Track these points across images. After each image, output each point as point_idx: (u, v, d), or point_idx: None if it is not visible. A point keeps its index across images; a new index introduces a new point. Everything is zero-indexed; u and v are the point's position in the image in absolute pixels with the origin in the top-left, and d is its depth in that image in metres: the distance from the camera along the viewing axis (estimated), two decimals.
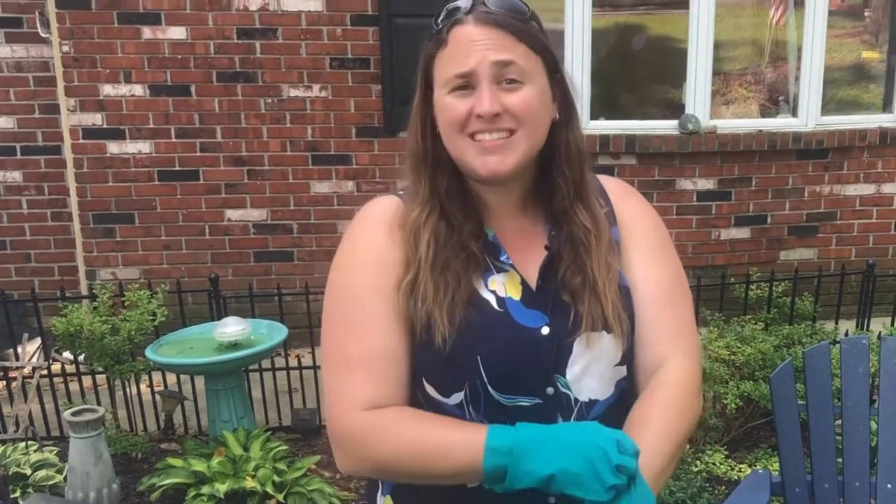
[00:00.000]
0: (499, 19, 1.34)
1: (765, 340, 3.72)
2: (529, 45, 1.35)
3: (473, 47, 1.34)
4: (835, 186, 5.39)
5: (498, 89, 1.34)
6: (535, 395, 1.39)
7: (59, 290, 4.18)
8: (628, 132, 5.12)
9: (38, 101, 5.11)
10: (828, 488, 2.45)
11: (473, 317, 1.38)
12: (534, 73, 1.36)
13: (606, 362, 1.40)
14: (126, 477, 3.59)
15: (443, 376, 1.40)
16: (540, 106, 1.37)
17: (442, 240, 1.40)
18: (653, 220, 1.53)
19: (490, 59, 1.33)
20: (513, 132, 1.35)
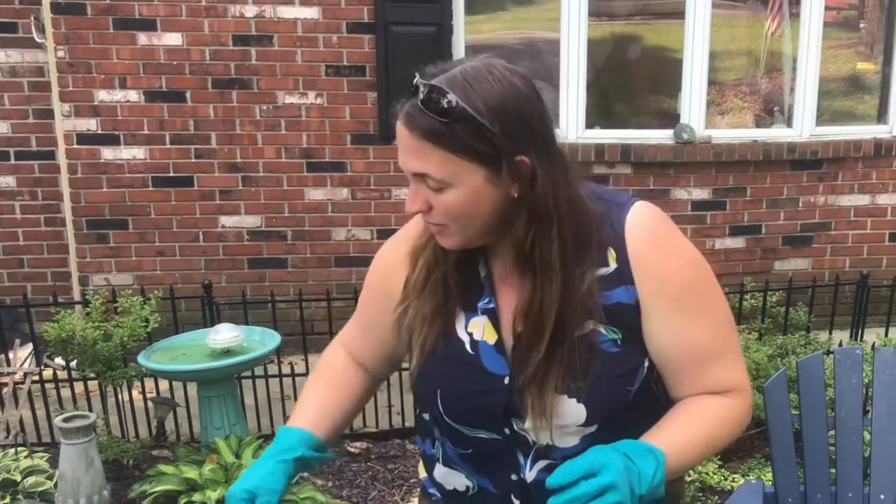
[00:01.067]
0: (418, 123, 1.27)
1: (759, 350, 3.72)
2: (450, 150, 1.27)
3: (400, 146, 1.32)
4: (829, 197, 5.39)
5: (424, 189, 1.32)
6: (492, 432, 1.43)
7: (51, 295, 4.16)
8: (623, 141, 5.12)
9: (33, 106, 5.09)
10: (821, 499, 2.44)
11: (442, 354, 1.44)
12: (457, 177, 1.28)
13: (569, 423, 1.38)
14: (117, 484, 3.57)
15: (418, 395, 1.52)
16: (467, 206, 1.31)
17: (430, 269, 1.44)
18: (680, 269, 1.39)
19: (408, 168, 1.32)
20: (445, 225, 1.35)
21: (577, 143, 5.08)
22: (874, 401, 2.45)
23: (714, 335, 1.42)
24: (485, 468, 1.49)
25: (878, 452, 2.43)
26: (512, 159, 1.28)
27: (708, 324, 1.41)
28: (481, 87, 1.26)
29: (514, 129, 1.27)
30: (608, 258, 1.38)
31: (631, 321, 1.38)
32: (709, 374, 1.41)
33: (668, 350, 1.39)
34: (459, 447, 1.50)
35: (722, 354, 1.43)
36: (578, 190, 1.37)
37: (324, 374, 1.65)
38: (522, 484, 1.46)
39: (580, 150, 5.06)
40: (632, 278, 1.37)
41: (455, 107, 1.25)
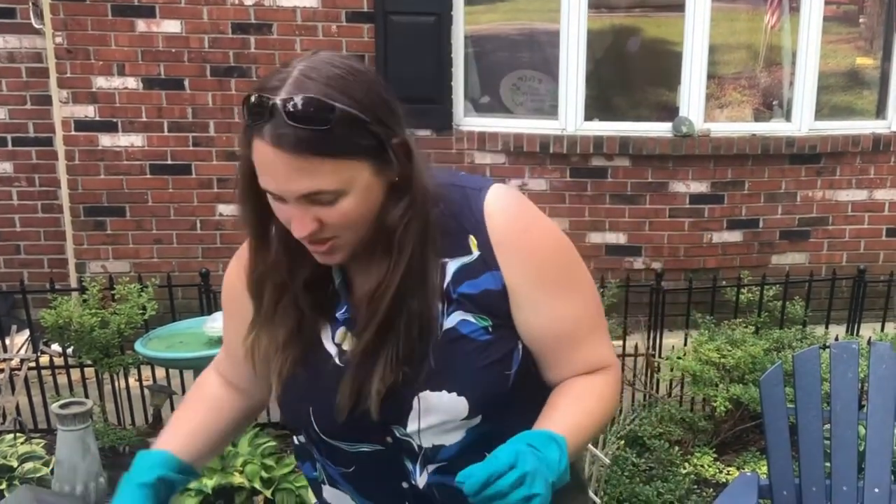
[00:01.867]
0: (296, 139, 1.16)
1: (755, 344, 3.73)
2: (337, 155, 1.19)
3: (273, 171, 1.20)
4: (827, 192, 5.40)
5: (313, 207, 1.23)
6: (374, 444, 1.39)
7: (48, 282, 4.16)
8: (622, 134, 5.12)
9: (31, 92, 5.08)
10: (815, 492, 2.45)
11: (309, 371, 1.38)
12: (350, 181, 1.22)
13: (452, 418, 1.34)
14: (113, 471, 3.57)
15: (286, 416, 1.48)
16: (362, 208, 1.25)
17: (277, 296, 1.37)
18: (545, 250, 1.36)
19: (293, 191, 1.21)
20: (336, 237, 1.27)
21: (576, 136, 5.08)
22: (869, 395, 2.47)
23: (583, 313, 1.40)
24: (369, 486, 1.45)
25: (872, 446, 2.44)
26: (391, 144, 1.24)
27: (576, 302, 1.39)
28: (336, 83, 1.20)
29: (382, 114, 1.23)
30: (470, 246, 1.33)
31: (500, 307, 1.34)
32: (581, 353, 1.40)
33: (539, 332, 1.36)
34: (341, 466, 1.44)
35: (591, 332, 1.41)
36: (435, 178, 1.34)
37: (192, 398, 1.62)
38: (415, 490, 1.42)
39: (579, 143, 5.06)
40: (496, 263, 1.33)
41: (327, 109, 1.17)
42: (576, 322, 1.38)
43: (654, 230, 5.23)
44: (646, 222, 5.22)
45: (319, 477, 1.53)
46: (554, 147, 5.06)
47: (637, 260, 5.26)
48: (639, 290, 4.42)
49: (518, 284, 1.34)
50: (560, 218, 5.05)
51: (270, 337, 1.39)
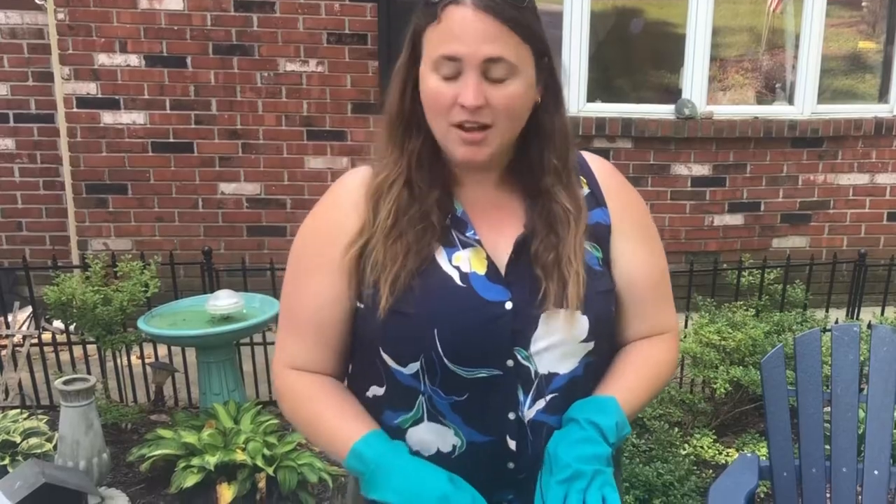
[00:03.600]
0: (500, 9, 1.30)
1: (755, 327, 3.74)
2: (521, 35, 1.31)
3: (466, 33, 1.30)
4: (829, 175, 5.40)
5: (484, 82, 1.32)
6: (494, 367, 1.39)
7: (50, 259, 4.16)
8: (624, 116, 5.12)
9: (32, 68, 5.06)
10: (815, 473, 2.46)
11: (431, 290, 1.39)
12: (521, 66, 1.33)
13: (572, 338, 1.40)
14: (116, 447, 3.60)
15: (399, 345, 1.42)
16: (523, 100, 1.35)
17: (402, 208, 1.40)
18: (642, 207, 1.55)
19: (481, 54, 1.30)
20: (491, 126, 1.34)
21: (579, 117, 5.08)
22: (870, 377, 2.47)
23: (663, 271, 1.53)
24: (479, 415, 1.42)
25: (872, 428, 2.45)
26: (542, 57, 1.37)
27: (660, 259, 1.53)
28: None
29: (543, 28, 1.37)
30: (581, 182, 1.47)
31: (606, 243, 1.47)
32: (655, 310, 1.52)
33: (630, 274, 1.48)
34: (453, 394, 1.41)
35: (667, 293, 1.55)
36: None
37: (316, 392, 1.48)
38: (520, 424, 1.41)
39: (581, 124, 5.06)
40: (604, 201, 1.48)
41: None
42: (660, 275, 1.52)
43: (655, 213, 5.24)
44: (647, 205, 5.19)
45: (418, 413, 1.45)
46: None
47: None
48: None
49: (620, 225, 1.47)
50: None
51: (386, 247, 1.39)
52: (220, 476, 3.24)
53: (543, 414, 1.42)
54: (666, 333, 1.55)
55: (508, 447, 1.43)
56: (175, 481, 3.24)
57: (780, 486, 2.45)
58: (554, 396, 1.42)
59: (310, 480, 3.31)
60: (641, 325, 1.52)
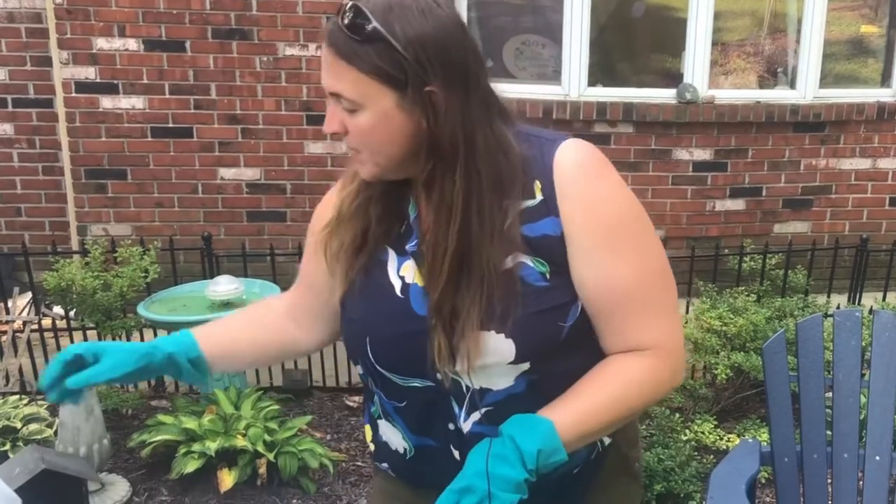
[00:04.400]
0: (336, 39, 1.29)
1: (757, 312, 3.73)
2: (361, 69, 1.27)
3: (322, 67, 1.33)
4: (831, 160, 5.38)
5: (340, 110, 1.33)
6: (425, 379, 1.40)
7: (50, 244, 4.15)
8: (626, 100, 5.09)
9: (30, 52, 5.04)
10: (816, 459, 2.46)
11: (371, 296, 1.43)
12: (369, 98, 1.29)
13: (498, 360, 1.35)
14: (116, 433, 3.60)
15: (348, 345, 1.50)
16: (376, 130, 1.31)
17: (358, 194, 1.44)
18: (612, 209, 1.36)
19: (327, 87, 1.33)
20: (359, 151, 1.36)
21: (580, 101, 5.05)
22: (872, 363, 2.47)
23: (638, 280, 1.36)
24: (420, 422, 1.46)
25: (874, 414, 2.45)
26: (420, 87, 1.27)
27: (632, 266, 1.35)
28: (403, 14, 1.27)
29: (427, 59, 1.27)
30: (534, 190, 1.35)
31: (558, 254, 1.34)
32: (629, 325, 1.37)
33: (590, 288, 1.35)
34: (394, 399, 1.47)
35: (645, 305, 1.37)
36: (502, 130, 1.35)
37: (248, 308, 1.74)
38: (459, 434, 1.43)
39: (582, 108, 5.03)
40: (557, 209, 1.34)
41: (369, 28, 1.26)
42: (628, 288, 1.35)
43: (656, 197, 5.22)
44: (648, 189, 5.20)
45: (377, 411, 1.55)
46: (557, 113, 5.03)
47: None
48: None
49: (576, 235, 1.34)
50: None
51: (341, 237, 1.44)
52: (221, 462, 3.25)
53: (481, 426, 1.40)
54: (649, 350, 1.38)
55: (454, 456, 1.45)
56: (176, 467, 3.25)
57: (782, 471, 2.45)
58: (490, 409, 1.39)
59: (311, 466, 3.31)
60: (614, 338, 1.39)
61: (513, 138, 1.36)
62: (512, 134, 1.37)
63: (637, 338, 1.38)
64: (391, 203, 1.42)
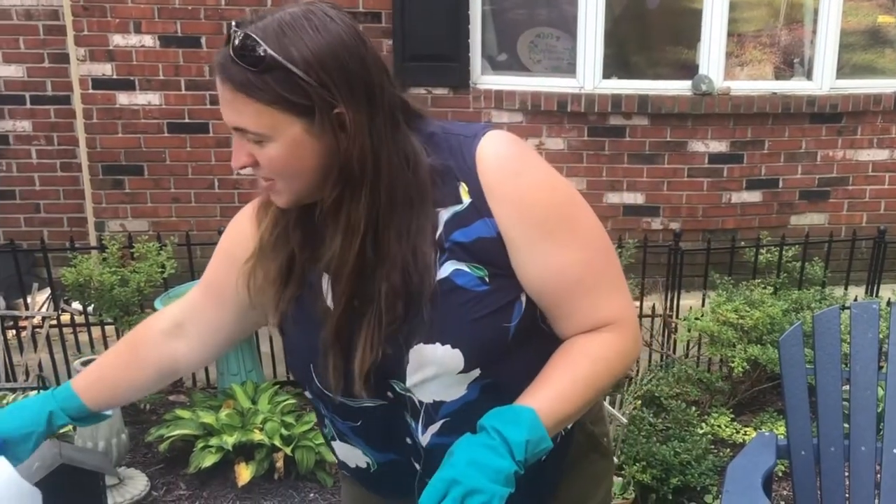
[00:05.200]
0: (229, 73, 1.23)
1: (773, 305, 3.72)
2: (262, 100, 1.21)
3: (221, 100, 1.27)
4: (848, 151, 5.35)
5: (247, 141, 1.27)
6: (376, 399, 1.39)
7: (68, 240, 4.18)
8: (641, 92, 5.08)
9: (48, 49, 5.06)
10: (834, 452, 2.45)
11: (307, 322, 1.38)
12: (275, 129, 1.23)
13: (447, 371, 1.33)
14: (134, 428, 3.62)
15: (292, 374, 1.50)
16: (289, 160, 1.26)
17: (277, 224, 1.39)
18: (540, 197, 1.32)
19: (229, 122, 1.27)
20: (273, 181, 1.30)
21: (594, 94, 5.04)
22: (889, 355, 2.46)
23: (583, 262, 1.34)
24: (379, 438, 1.45)
25: (891, 407, 2.44)
26: (328, 110, 1.22)
27: (574, 252, 1.33)
28: (297, 35, 1.21)
29: (330, 80, 1.21)
30: (461, 194, 1.31)
31: (495, 255, 1.31)
32: (583, 307, 1.35)
33: (538, 282, 1.33)
34: (349, 420, 1.44)
35: (595, 286, 1.35)
36: (410, 142, 1.31)
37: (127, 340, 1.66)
38: (418, 448, 1.42)
39: (597, 101, 5.02)
40: (488, 210, 1.30)
41: (265, 56, 1.20)
42: (575, 273, 1.33)
43: (672, 190, 5.21)
44: (664, 182, 5.19)
45: (330, 433, 1.53)
46: (572, 105, 5.02)
47: (655, 220, 5.24)
48: (657, 250, 4.41)
49: (511, 230, 1.30)
50: (577, 177, 5.03)
51: (265, 268, 1.39)
52: (238, 456, 3.27)
53: (440, 437, 1.39)
54: (608, 325, 1.36)
55: (416, 467, 1.45)
56: (193, 461, 3.27)
57: (798, 465, 2.45)
58: (447, 420, 1.38)
59: (327, 460, 3.33)
60: (570, 322, 1.36)
61: (426, 144, 1.32)
62: (425, 138, 1.33)
63: (594, 317, 1.36)
64: (310, 227, 1.37)
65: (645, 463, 3.12)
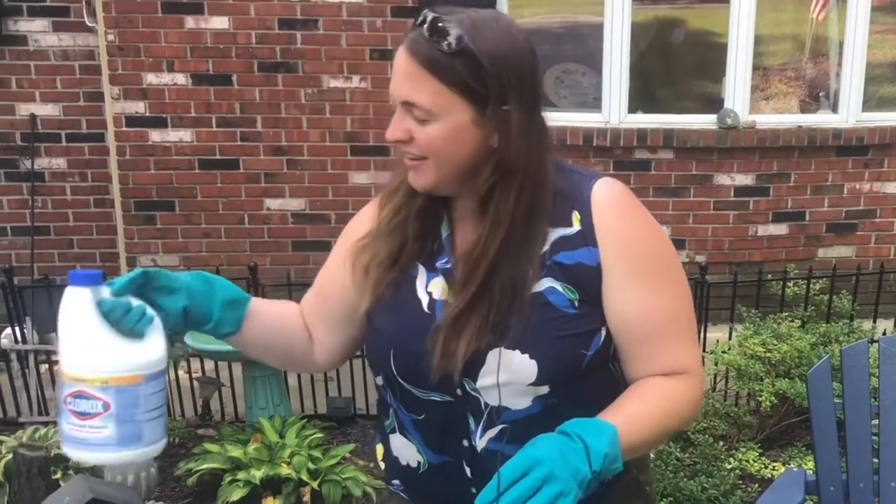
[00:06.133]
0: (419, 48, 1.31)
1: (801, 338, 3.70)
2: (445, 81, 1.30)
3: (395, 71, 1.34)
4: (875, 184, 5.33)
5: (408, 118, 1.35)
6: (444, 394, 1.43)
7: None
8: (666, 126, 5.10)
9: (84, 88, 5.18)
10: (863, 488, 2.44)
11: (398, 309, 1.46)
12: (444, 111, 1.32)
13: (520, 380, 1.37)
14: (164, 461, 3.65)
15: (370, 356, 1.53)
16: (449, 143, 1.34)
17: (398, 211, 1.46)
18: (648, 242, 1.42)
19: (398, 94, 1.34)
20: (423, 158, 1.37)
21: (620, 128, 5.07)
22: None
23: (671, 311, 1.42)
24: (436, 436, 1.48)
25: None
26: (499, 106, 1.32)
27: (665, 298, 1.42)
28: (486, 32, 1.31)
29: (507, 78, 1.31)
30: (572, 220, 1.40)
31: (590, 283, 1.39)
32: (662, 352, 1.42)
33: (625, 318, 1.40)
34: (412, 412, 1.49)
35: (676, 334, 1.43)
36: (549, 155, 1.41)
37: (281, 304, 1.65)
38: (473, 452, 1.45)
39: (622, 135, 5.05)
40: (595, 241, 1.39)
41: (458, 41, 1.29)
42: (662, 318, 1.41)
43: (698, 223, 5.21)
44: (690, 215, 5.19)
45: (392, 425, 1.56)
46: (597, 140, 5.05)
47: (681, 253, 5.23)
48: None
49: (612, 265, 1.39)
50: None
51: (375, 250, 1.47)
52: (266, 490, 3.29)
53: (496, 442, 1.42)
54: (682, 374, 1.43)
55: (466, 473, 1.47)
56: (221, 495, 3.29)
57: (827, 501, 2.44)
58: (506, 427, 1.41)
59: (354, 494, 3.34)
60: (646, 365, 1.43)
61: (552, 166, 1.41)
62: (552, 164, 1.42)
63: (669, 364, 1.43)
64: (428, 221, 1.46)
65: (672, 498, 3.11)
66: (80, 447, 1.31)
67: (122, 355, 1.31)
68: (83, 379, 1.30)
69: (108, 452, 1.32)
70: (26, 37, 5.12)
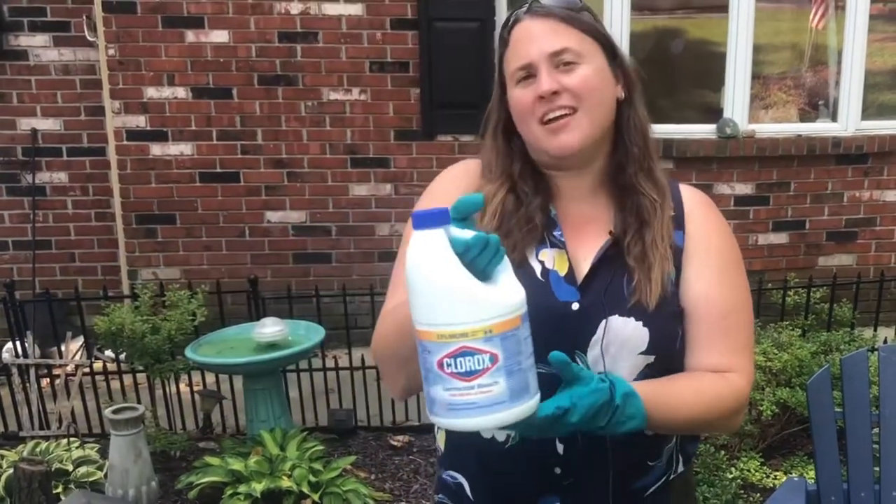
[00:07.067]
0: (553, 11, 1.45)
1: (802, 347, 3.70)
2: (582, 30, 1.45)
3: (529, 39, 1.44)
4: (874, 192, 5.33)
5: (556, 72, 1.43)
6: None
7: (101, 289, 4.25)
8: (666, 136, 5.11)
9: (85, 103, 5.20)
10: (864, 497, 2.43)
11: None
12: (589, 54, 1.44)
13: (630, 348, 1.41)
14: (164, 475, 3.65)
15: None
16: (598, 82, 1.45)
17: (509, 211, 1.49)
18: (723, 238, 1.53)
19: (545, 50, 1.43)
20: (574, 110, 1.43)
21: None
22: None
23: (737, 304, 1.49)
24: None
25: None
26: (618, 65, 1.48)
27: (732, 291, 1.49)
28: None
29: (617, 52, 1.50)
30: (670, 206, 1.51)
31: (679, 264, 1.47)
32: (721, 340, 1.46)
33: (694, 298, 1.46)
34: None
35: (736, 329, 1.48)
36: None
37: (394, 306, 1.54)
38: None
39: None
40: (684, 226, 1.50)
41: (581, 4, 1.48)
42: (726, 307, 1.47)
43: None
44: None
45: None
46: None
47: None
48: None
49: (695, 251, 1.48)
50: None
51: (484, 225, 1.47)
52: (267, 502, 3.28)
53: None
54: (731, 374, 1.46)
55: (556, 450, 1.46)
56: None
57: None
58: None
59: None
60: (704, 356, 1.46)
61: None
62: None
63: (724, 358, 1.47)
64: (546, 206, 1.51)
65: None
66: (469, 413, 1.16)
67: (496, 298, 1.16)
68: (464, 333, 1.14)
69: (503, 412, 1.16)
70: (27, 52, 5.15)
